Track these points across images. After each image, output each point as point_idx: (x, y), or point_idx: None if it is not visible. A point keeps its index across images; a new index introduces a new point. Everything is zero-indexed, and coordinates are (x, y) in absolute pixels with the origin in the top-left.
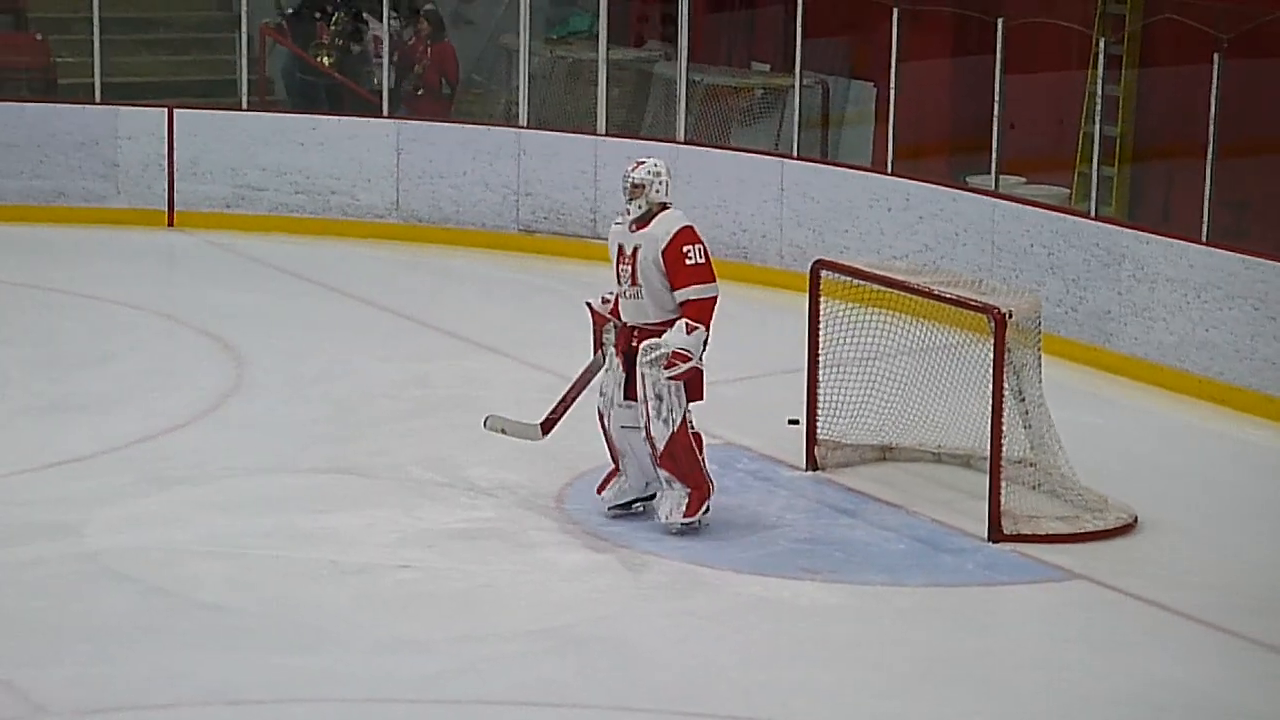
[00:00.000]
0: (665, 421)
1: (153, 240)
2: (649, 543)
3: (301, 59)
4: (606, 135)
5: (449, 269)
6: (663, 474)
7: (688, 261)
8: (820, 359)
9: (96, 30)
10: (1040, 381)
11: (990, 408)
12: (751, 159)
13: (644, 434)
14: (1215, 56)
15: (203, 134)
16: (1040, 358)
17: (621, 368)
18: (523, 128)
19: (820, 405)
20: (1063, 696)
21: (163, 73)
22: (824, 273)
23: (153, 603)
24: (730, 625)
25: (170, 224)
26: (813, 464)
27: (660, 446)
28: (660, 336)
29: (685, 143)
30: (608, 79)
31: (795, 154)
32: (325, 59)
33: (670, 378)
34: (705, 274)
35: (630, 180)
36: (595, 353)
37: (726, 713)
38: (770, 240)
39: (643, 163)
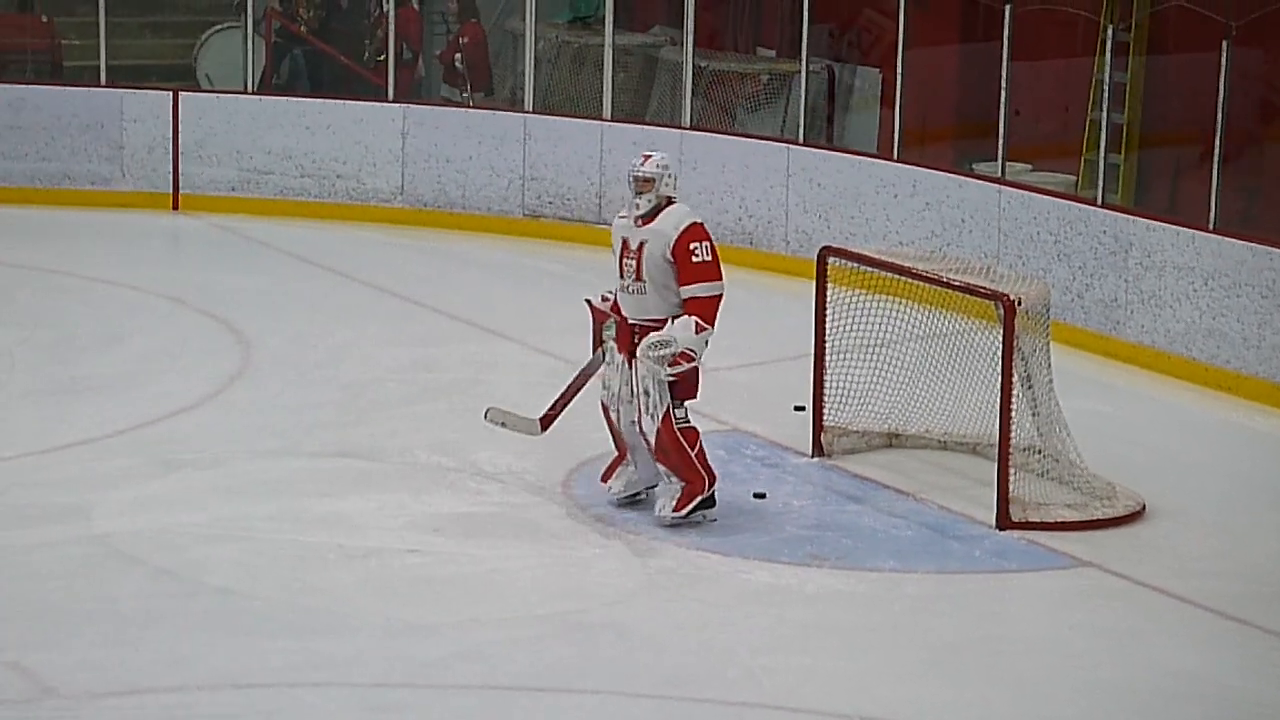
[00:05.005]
0: (652, 417)
1: (158, 223)
2: (655, 529)
3: (294, 37)
4: (612, 120)
5: (455, 253)
6: (661, 468)
7: (694, 259)
8: (827, 345)
9: (102, 13)
10: (1049, 368)
11: (998, 395)
12: (757, 145)
13: (639, 429)
14: (1224, 43)
15: (208, 117)
16: (1049, 345)
17: (626, 364)
18: (528, 112)
19: (827, 392)
20: (1071, 684)
21: (168, 55)
22: (831, 259)
23: (161, 586)
24: (738, 611)
25: (175, 207)
26: (819, 450)
27: (652, 441)
28: (662, 331)
29: (691, 128)
30: (614, 64)
31: (801, 140)
32: (303, 28)
33: (671, 375)
34: (712, 272)
35: (640, 174)
36: (595, 350)
37: (735, 698)
38: (776, 226)
39: (650, 156)
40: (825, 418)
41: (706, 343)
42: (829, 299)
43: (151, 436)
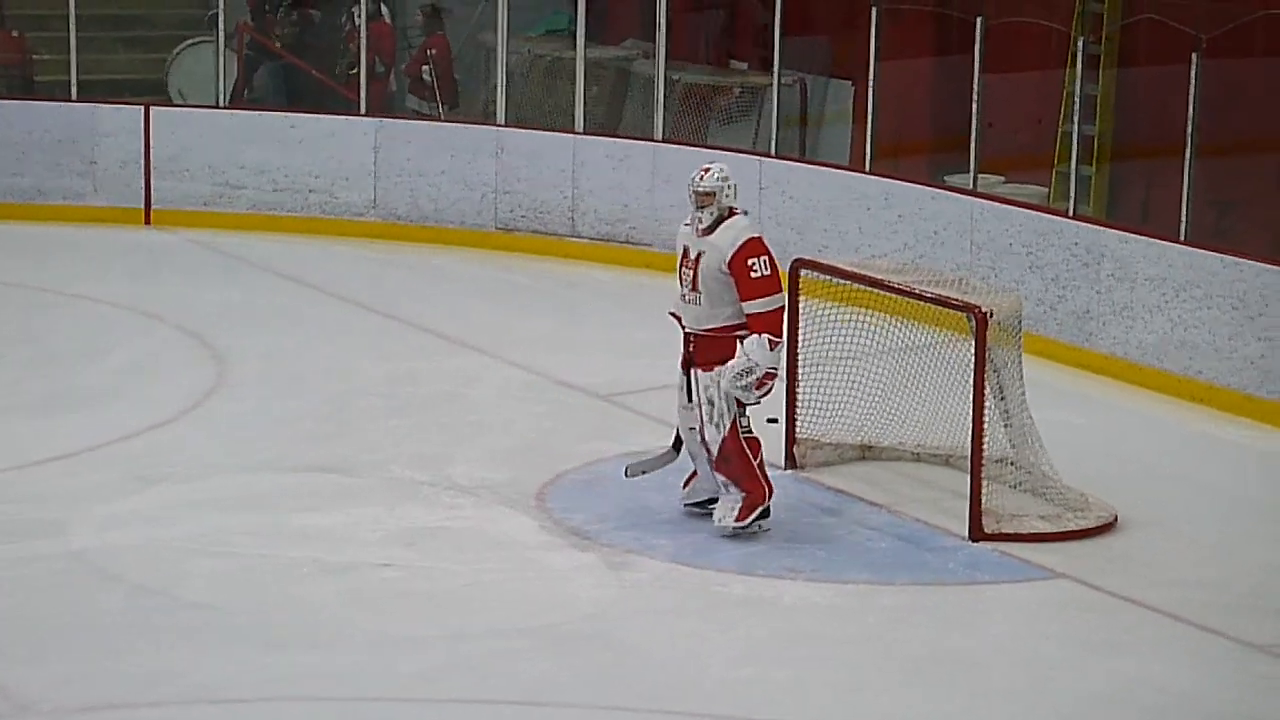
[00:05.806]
0: (716, 426)
1: (132, 238)
2: (631, 541)
3: (266, 51)
4: (585, 134)
5: (428, 267)
6: (719, 478)
7: (753, 275)
8: (800, 358)
9: (73, 28)
10: (1021, 380)
11: (971, 407)
12: (730, 157)
13: (700, 438)
14: (1194, 56)
15: (181, 132)
16: (1021, 357)
17: (683, 372)
18: (501, 126)
19: (800, 404)
20: (1046, 695)
21: (141, 70)
22: (804, 271)
23: (139, 601)
24: (715, 624)
25: (148, 222)
26: (792, 463)
27: (714, 451)
28: (738, 352)
29: (663, 141)
30: (586, 77)
31: (774, 153)
32: (276, 42)
33: (759, 397)
34: (770, 286)
35: (701, 189)
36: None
37: (713, 711)
38: None
39: (708, 169)
40: (798, 430)
41: (779, 355)
42: (802, 311)
43: (129, 451)
